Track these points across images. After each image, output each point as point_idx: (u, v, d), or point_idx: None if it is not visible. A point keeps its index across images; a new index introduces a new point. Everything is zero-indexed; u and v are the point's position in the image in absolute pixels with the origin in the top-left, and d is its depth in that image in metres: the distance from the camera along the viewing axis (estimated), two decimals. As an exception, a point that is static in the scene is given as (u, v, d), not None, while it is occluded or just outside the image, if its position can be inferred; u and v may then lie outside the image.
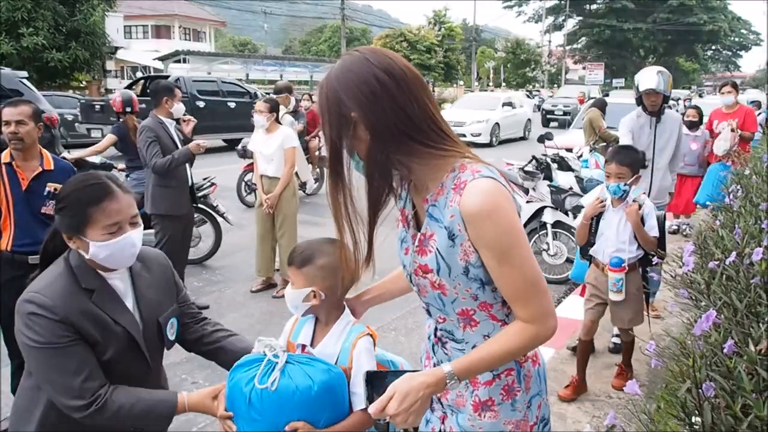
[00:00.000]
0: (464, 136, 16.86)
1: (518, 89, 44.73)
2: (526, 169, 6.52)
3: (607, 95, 20.14)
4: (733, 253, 1.78)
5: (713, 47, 69.99)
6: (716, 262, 1.84)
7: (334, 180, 1.44)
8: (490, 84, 51.17)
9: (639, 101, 4.77)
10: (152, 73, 22.27)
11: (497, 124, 18.79)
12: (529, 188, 6.33)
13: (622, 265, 3.44)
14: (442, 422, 1.60)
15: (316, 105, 10.49)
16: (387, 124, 1.37)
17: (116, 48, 23.93)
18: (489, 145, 18.30)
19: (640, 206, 3.48)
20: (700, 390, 1.22)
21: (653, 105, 4.65)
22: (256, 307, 5.21)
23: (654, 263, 3.67)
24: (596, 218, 3.62)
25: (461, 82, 46.90)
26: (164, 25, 49.43)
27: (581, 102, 17.93)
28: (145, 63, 36.99)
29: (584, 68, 60.43)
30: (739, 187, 2.92)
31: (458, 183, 1.39)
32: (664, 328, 3.37)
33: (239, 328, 4.89)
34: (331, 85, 1.40)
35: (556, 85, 50.53)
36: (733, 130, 6.98)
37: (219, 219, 6.35)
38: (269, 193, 5.38)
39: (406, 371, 1.41)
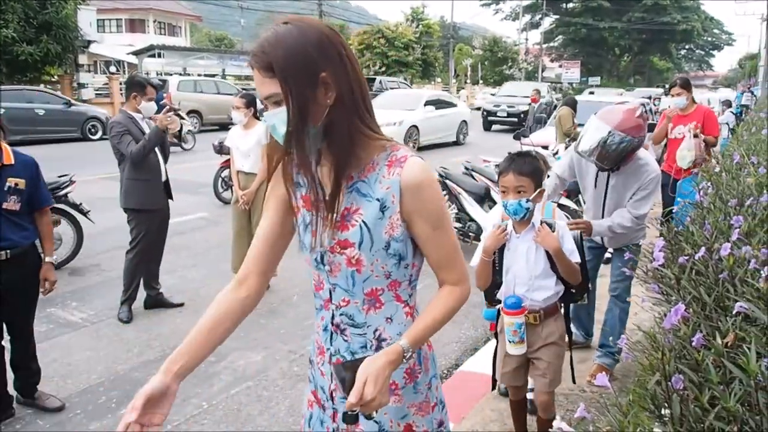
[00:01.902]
0: None
1: (495, 86, 44.88)
2: (502, 165, 6.56)
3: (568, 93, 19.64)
4: (703, 249, 1.81)
5: (686, 46, 71.20)
6: (686, 257, 1.87)
7: (300, 143, 1.37)
8: (468, 81, 51.32)
9: None
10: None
11: (415, 127, 15.64)
12: (506, 185, 6.37)
13: (521, 306, 2.63)
14: (333, 420, 1.59)
15: None
16: (352, 92, 1.38)
17: (89, 42, 23.39)
18: None
19: (551, 227, 2.69)
20: (669, 383, 1.25)
21: (601, 164, 3.42)
22: (232, 304, 5.17)
23: (579, 302, 3.00)
24: (499, 251, 2.74)
25: (439, 80, 46.95)
26: (138, 19, 48.75)
27: (534, 101, 15.57)
28: (119, 57, 36.49)
29: (561, 66, 60.93)
30: (709, 184, 2.97)
31: (394, 159, 1.43)
32: (636, 322, 3.40)
33: (215, 325, 4.86)
34: (296, 42, 1.33)
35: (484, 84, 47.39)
36: (696, 136, 5.82)
37: (81, 218, 6.10)
38: (245, 189, 5.34)
39: (364, 357, 1.40)
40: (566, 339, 2.80)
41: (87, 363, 4.07)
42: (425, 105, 16.65)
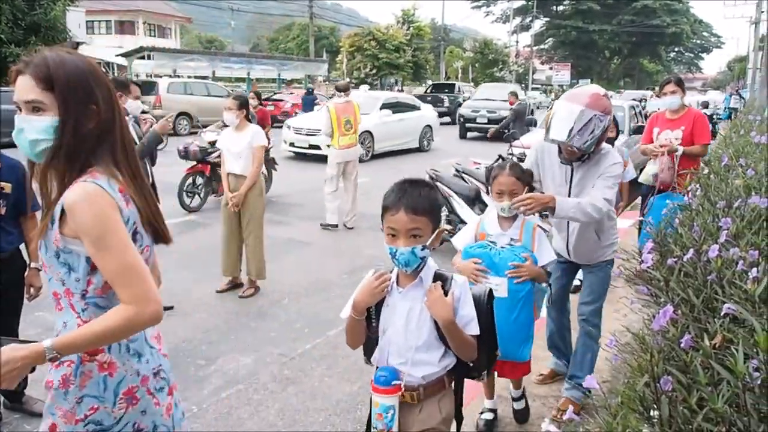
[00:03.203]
0: (318, 148, 13.17)
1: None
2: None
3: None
4: (691, 250, 1.82)
5: (676, 49, 71.88)
6: (675, 259, 1.88)
7: (58, 156, 1.57)
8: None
9: None
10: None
11: (368, 132, 14.09)
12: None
13: (394, 383, 1.97)
14: None
15: (260, 106, 10.29)
16: (112, 126, 1.64)
17: (78, 43, 23.32)
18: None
19: (446, 283, 1.99)
20: (657, 384, 1.25)
21: (569, 154, 3.16)
22: (221, 307, 5.15)
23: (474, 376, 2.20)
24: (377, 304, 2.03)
25: (430, 82, 47.08)
26: (128, 21, 48.50)
27: (512, 104, 14.31)
28: (109, 59, 36.28)
29: (551, 68, 61.26)
30: (698, 186, 2.99)
31: (75, 182, 1.59)
32: (625, 324, 3.42)
33: (205, 328, 4.84)
34: (80, 69, 1.58)
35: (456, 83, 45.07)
36: (672, 152, 4.98)
37: None
38: (235, 191, 5.32)
39: (21, 340, 1.60)
40: (452, 423, 2.12)
41: (75, 367, 4.03)
42: (381, 108, 14.97)
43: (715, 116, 16.56)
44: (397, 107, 15.83)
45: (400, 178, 2.06)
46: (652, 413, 1.29)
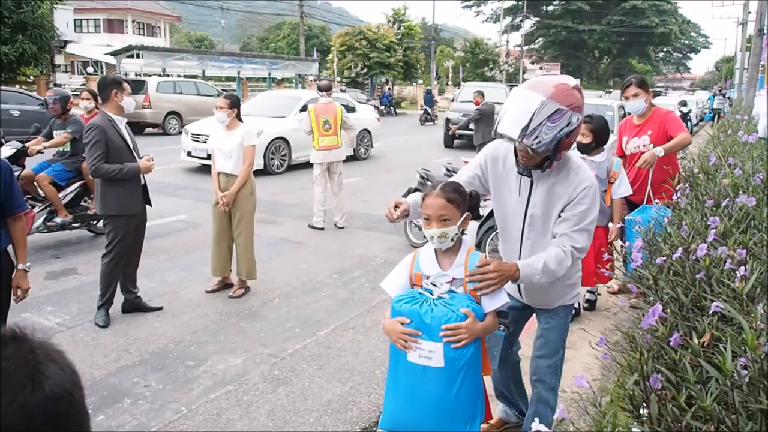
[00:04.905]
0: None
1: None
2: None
3: None
4: (680, 249, 1.83)
5: (664, 49, 72.41)
6: (664, 258, 1.89)
7: None
8: (449, 83, 51.47)
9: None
10: None
11: (283, 139, 12.00)
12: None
13: None
14: None
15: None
16: None
17: (66, 42, 23.16)
18: (264, 172, 11.43)
19: None
20: (647, 382, 1.25)
21: (525, 158, 2.44)
22: (211, 307, 5.12)
23: None
24: None
25: (421, 81, 47.06)
26: (117, 19, 48.26)
27: (477, 104, 12.81)
28: (97, 58, 36.08)
29: (541, 68, 61.46)
30: (687, 185, 3.01)
31: None
32: (615, 323, 3.43)
33: (194, 328, 4.82)
34: None
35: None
36: (648, 167, 4.56)
37: None
38: (226, 190, 5.29)
39: None
40: None
41: (63, 368, 3.99)
42: (302, 110, 11.91)
43: (690, 114, 16.34)
44: None
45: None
46: (641, 411, 1.29)
